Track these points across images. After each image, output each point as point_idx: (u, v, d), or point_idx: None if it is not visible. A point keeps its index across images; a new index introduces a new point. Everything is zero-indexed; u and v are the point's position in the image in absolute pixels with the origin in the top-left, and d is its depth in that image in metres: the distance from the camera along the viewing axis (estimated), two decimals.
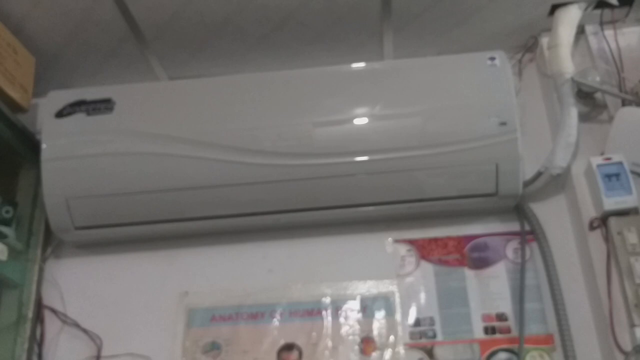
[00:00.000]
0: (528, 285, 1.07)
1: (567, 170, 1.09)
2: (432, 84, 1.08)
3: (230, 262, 1.14)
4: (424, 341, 1.05)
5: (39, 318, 1.11)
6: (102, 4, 1.07)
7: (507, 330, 1.05)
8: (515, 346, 1.03)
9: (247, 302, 1.10)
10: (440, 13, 1.14)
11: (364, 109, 1.07)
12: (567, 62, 1.13)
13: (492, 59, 1.08)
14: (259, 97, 1.10)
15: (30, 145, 1.15)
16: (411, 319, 1.07)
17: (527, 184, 1.09)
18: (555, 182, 1.12)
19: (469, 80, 1.08)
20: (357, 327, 1.07)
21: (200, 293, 1.12)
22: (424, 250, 1.13)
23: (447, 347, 1.05)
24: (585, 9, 1.16)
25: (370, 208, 1.10)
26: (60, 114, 1.09)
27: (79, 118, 1.09)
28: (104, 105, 1.10)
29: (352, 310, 1.08)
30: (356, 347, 1.05)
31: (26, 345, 1.06)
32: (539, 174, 1.09)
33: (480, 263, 1.11)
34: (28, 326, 1.08)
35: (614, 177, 1.04)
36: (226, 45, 1.19)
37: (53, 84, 1.18)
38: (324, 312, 1.08)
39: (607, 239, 1.01)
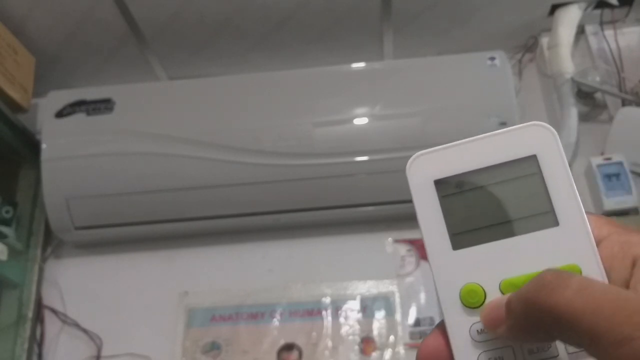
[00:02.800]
0: None
1: None
2: (432, 84, 1.09)
3: (230, 262, 1.14)
4: None
5: (39, 318, 1.11)
6: (102, 4, 1.07)
7: None
8: None
9: (247, 302, 1.10)
10: (440, 13, 1.14)
11: (364, 109, 1.07)
12: (567, 62, 1.13)
13: (492, 59, 1.08)
14: (259, 97, 1.10)
15: (30, 145, 1.15)
16: (411, 319, 1.07)
17: None
18: None
19: (469, 80, 1.08)
20: (357, 327, 1.07)
21: (200, 293, 1.12)
22: (424, 250, 1.12)
23: None
24: (585, 9, 1.16)
25: (370, 208, 1.10)
26: (60, 114, 1.09)
27: (79, 118, 1.09)
28: (104, 105, 1.10)
29: (352, 310, 1.08)
30: (356, 347, 1.05)
31: (26, 345, 1.06)
32: None
33: None
34: (28, 326, 1.08)
35: (614, 177, 1.04)
36: (226, 45, 1.19)
37: (53, 84, 1.18)
38: (324, 312, 1.08)
39: None
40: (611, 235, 0.29)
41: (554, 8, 1.16)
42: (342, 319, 1.08)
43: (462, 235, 0.30)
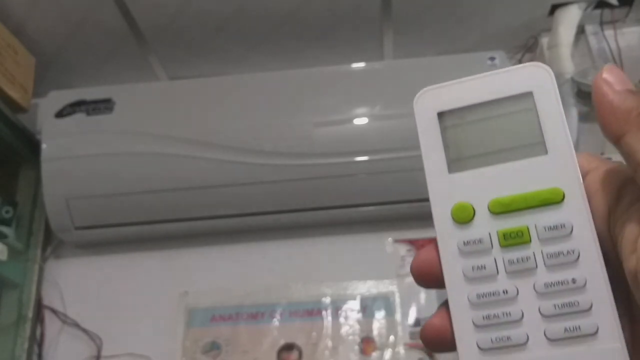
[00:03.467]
0: None
1: None
2: (432, 84, 1.08)
3: (230, 262, 1.14)
4: None
5: (39, 318, 1.11)
6: (102, 4, 1.07)
7: None
8: None
9: (247, 302, 1.10)
10: (440, 13, 1.14)
11: (364, 109, 1.07)
12: (567, 62, 1.13)
13: (492, 59, 1.08)
14: (259, 97, 1.10)
15: (30, 145, 1.15)
16: (411, 319, 1.07)
17: None
18: None
19: None
20: (357, 327, 1.07)
21: (200, 293, 1.12)
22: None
23: None
24: (585, 9, 1.16)
25: (370, 208, 1.10)
26: (60, 114, 1.09)
27: (79, 118, 1.09)
28: (104, 105, 1.10)
29: (352, 310, 1.08)
30: (356, 347, 1.05)
31: (26, 345, 1.06)
32: None
33: None
34: (28, 326, 1.08)
35: None
36: (226, 45, 1.19)
37: (53, 84, 1.18)
38: (324, 312, 1.08)
39: None
40: (599, 166, 0.31)
41: (554, 8, 1.16)
42: (342, 319, 1.08)
43: (458, 161, 0.33)
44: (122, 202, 1.07)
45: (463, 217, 0.32)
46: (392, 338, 1.06)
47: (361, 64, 1.12)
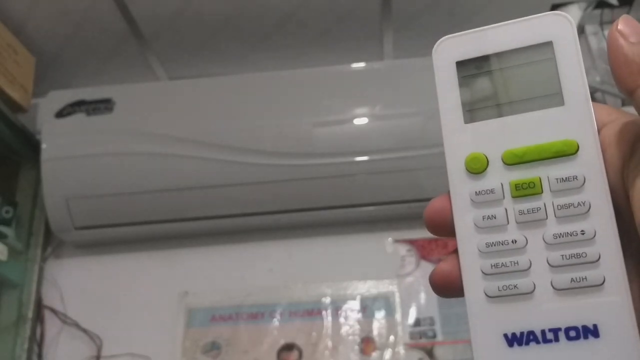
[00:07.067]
0: None
1: None
2: (432, 84, 1.08)
3: (230, 262, 1.14)
4: (424, 341, 1.05)
5: (39, 318, 1.11)
6: (102, 4, 1.07)
7: None
8: None
9: (247, 302, 1.10)
10: (440, 13, 1.14)
11: (364, 109, 1.07)
12: None
13: None
14: (259, 97, 1.10)
15: (30, 145, 1.15)
16: (411, 319, 1.07)
17: None
18: None
19: None
20: (357, 327, 1.07)
21: (200, 293, 1.12)
22: (424, 250, 1.13)
23: (447, 347, 1.05)
24: (585, 9, 1.16)
25: (370, 208, 1.10)
26: (60, 114, 1.09)
27: (79, 118, 1.09)
28: (104, 105, 1.10)
29: (352, 310, 1.08)
30: (356, 347, 1.05)
31: (26, 345, 1.06)
32: None
33: None
34: (28, 326, 1.08)
35: None
36: (226, 45, 1.19)
37: (53, 84, 1.18)
38: (324, 312, 1.08)
39: None
40: (618, 118, 0.31)
41: (554, 8, 1.16)
42: (342, 319, 1.08)
43: (475, 111, 0.33)
44: (122, 202, 1.07)
45: (476, 167, 0.32)
46: (392, 338, 1.06)
47: (361, 64, 1.12)
